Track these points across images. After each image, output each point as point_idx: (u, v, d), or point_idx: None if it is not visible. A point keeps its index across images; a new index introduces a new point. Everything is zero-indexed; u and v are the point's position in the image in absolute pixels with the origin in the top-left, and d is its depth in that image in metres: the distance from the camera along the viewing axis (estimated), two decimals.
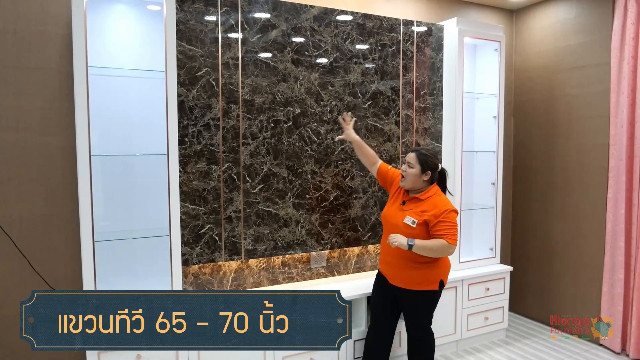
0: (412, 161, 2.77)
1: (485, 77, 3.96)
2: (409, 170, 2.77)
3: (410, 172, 2.76)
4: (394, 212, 2.85)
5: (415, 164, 2.76)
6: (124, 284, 2.89)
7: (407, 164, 2.79)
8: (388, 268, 2.88)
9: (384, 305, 2.98)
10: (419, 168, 2.75)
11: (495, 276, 3.81)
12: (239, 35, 3.04)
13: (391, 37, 3.54)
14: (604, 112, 3.68)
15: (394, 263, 2.82)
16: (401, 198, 2.87)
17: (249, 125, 3.10)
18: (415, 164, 2.76)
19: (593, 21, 3.77)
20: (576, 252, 3.96)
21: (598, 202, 3.75)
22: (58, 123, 2.84)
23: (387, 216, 2.90)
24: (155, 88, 2.88)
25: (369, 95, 3.48)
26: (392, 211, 2.87)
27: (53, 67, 2.82)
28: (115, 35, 2.85)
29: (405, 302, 2.89)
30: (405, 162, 2.82)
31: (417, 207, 2.75)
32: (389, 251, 2.82)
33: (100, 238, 2.70)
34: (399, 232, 2.70)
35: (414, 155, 2.78)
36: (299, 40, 3.22)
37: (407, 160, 2.80)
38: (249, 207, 3.13)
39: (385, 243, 2.87)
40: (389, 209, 2.91)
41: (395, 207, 2.87)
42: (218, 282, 3.23)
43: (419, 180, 2.77)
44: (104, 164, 2.85)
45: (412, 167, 2.76)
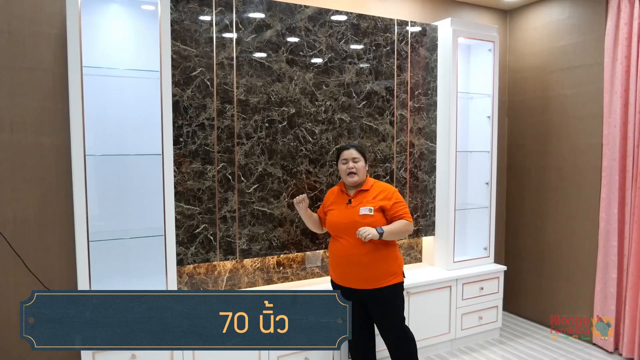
0: (357, 155, 2.92)
1: (479, 77, 3.98)
2: (357, 165, 2.90)
3: (360, 165, 2.91)
4: (343, 214, 2.88)
5: (359, 156, 2.92)
6: (119, 283, 2.89)
7: (352, 160, 2.90)
8: (348, 272, 2.83)
9: (356, 317, 2.82)
10: (363, 160, 2.93)
11: (489, 275, 3.83)
12: (233, 35, 3.04)
13: (385, 37, 3.55)
14: (598, 112, 3.70)
15: (355, 263, 2.79)
16: (343, 200, 2.94)
17: (244, 125, 3.11)
18: (360, 156, 2.92)
19: (586, 21, 3.79)
20: (570, 252, 3.98)
21: (591, 202, 3.77)
22: (52, 123, 2.84)
23: (337, 220, 2.89)
24: (149, 88, 2.89)
25: (364, 95, 3.49)
26: (341, 213, 2.89)
27: (47, 68, 2.82)
28: (109, 35, 2.86)
29: (375, 305, 2.86)
30: (346, 161, 2.92)
31: (364, 198, 2.87)
32: (349, 253, 2.80)
33: (94, 238, 2.70)
34: (356, 226, 2.75)
35: (355, 150, 2.93)
36: (294, 40, 3.23)
37: (349, 157, 2.91)
38: (244, 207, 3.14)
39: (338, 249, 2.87)
40: (336, 215, 2.91)
41: (341, 210, 2.90)
42: (213, 282, 3.24)
43: (365, 171, 2.94)
44: (98, 164, 2.86)
45: (359, 161, 2.91)
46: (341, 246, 2.86)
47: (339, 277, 2.92)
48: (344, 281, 2.88)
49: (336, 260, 2.91)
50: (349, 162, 2.91)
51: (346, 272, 2.86)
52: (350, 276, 2.85)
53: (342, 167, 2.95)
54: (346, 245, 2.83)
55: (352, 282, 2.85)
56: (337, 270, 2.92)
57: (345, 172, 2.92)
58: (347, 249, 2.82)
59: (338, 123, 3.41)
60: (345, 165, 2.93)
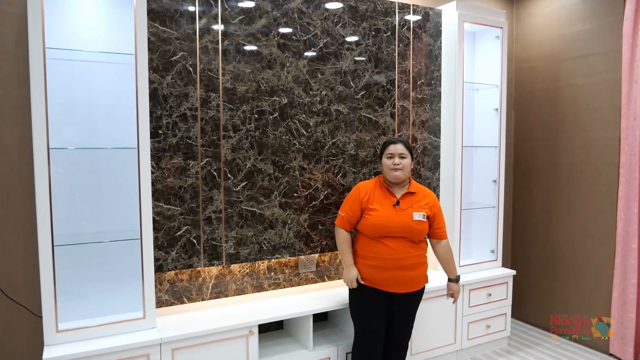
0: (404, 151, 2.72)
1: (485, 66, 3.70)
2: (404, 162, 2.70)
3: (406, 162, 2.71)
4: (393, 216, 2.65)
5: (407, 153, 2.73)
6: (90, 292, 2.58)
7: (399, 156, 2.70)
8: (394, 276, 2.63)
9: (379, 321, 2.71)
10: (410, 157, 2.75)
11: (497, 281, 3.55)
12: (219, 16, 2.74)
13: (386, 21, 3.26)
14: (614, 103, 3.42)
15: (404, 267, 2.63)
16: (389, 200, 2.70)
17: (231, 116, 2.80)
18: (407, 153, 2.73)
19: (602, 6, 3.52)
20: (582, 255, 3.70)
21: (607, 201, 3.50)
22: (14, 113, 2.53)
23: (385, 222, 2.63)
24: (124, 74, 2.57)
25: (362, 84, 3.20)
26: (390, 215, 2.65)
27: (8, 51, 2.52)
28: (77, 13, 2.53)
29: (406, 308, 2.77)
30: (392, 156, 2.70)
31: (413, 201, 2.71)
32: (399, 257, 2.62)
33: (61, 242, 2.38)
34: (410, 231, 2.63)
35: (403, 146, 2.73)
36: (286, 23, 2.92)
37: (396, 152, 2.71)
38: (231, 207, 2.83)
39: (385, 252, 2.63)
40: (384, 216, 2.65)
41: (389, 211, 2.66)
42: (197, 290, 2.93)
43: (410, 169, 2.75)
44: (65, 158, 2.53)
45: (406, 157, 2.72)
46: (389, 250, 2.62)
47: (372, 281, 2.68)
48: (386, 285, 2.67)
49: (377, 263, 2.65)
50: (395, 157, 2.69)
51: (389, 276, 2.65)
52: (391, 280, 2.66)
53: (387, 161, 2.72)
54: (396, 248, 2.62)
55: (394, 285, 2.67)
56: (376, 273, 2.66)
57: (390, 167, 2.69)
58: (397, 252, 2.63)
59: (334, 115, 3.11)
60: (390, 160, 2.71)
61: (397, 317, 2.76)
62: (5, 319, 2.57)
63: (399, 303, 2.72)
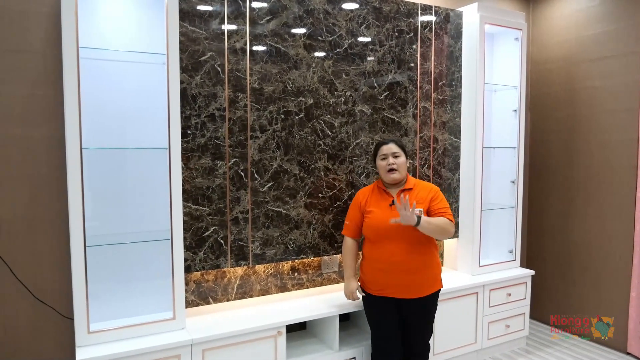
0: (397, 150, 2.69)
1: (503, 68, 3.72)
2: (398, 160, 2.67)
3: (401, 161, 2.69)
4: (387, 216, 2.58)
5: (400, 151, 2.70)
6: (119, 293, 2.57)
7: (392, 155, 2.67)
8: (392, 280, 2.59)
9: (391, 328, 2.68)
10: (404, 155, 2.72)
11: (516, 281, 3.56)
12: (247, 17, 2.73)
13: (408, 22, 3.27)
14: (633, 105, 3.45)
15: (402, 271, 2.57)
16: (385, 200, 2.67)
17: (258, 116, 2.80)
18: (400, 151, 2.70)
19: (620, 8, 3.54)
20: (599, 255, 3.73)
21: (624, 202, 3.52)
22: (42, 113, 2.51)
23: (380, 223, 2.61)
24: (153, 73, 2.57)
25: (385, 85, 3.20)
26: (385, 215, 2.60)
27: (37, 50, 2.49)
28: (107, 13, 2.51)
29: (416, 315, 2.68)
30: (386, 157, 2.68)
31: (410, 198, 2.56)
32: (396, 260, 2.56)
33: (90, 242, 2.37)
34: (405, 231, 2.53)
35: (395, 145, 2.71)
36: (312, 23, 2.92)
37: (389, 152, 2.68)
38: (258, 208, 2.83)
39: (382, 254, 2.60)
40: (379, 217, 2.62)
41: (384, 211, 2.63)
42: (222, 290, 2.93)
43: (406, 167, 2.72)
44: (94, 158, 2.50)
45: (400, 156, 2.69)
46: (386, 252, 2.59)
47: (376, 286, 2.66)
48: (384, 290, 2.63)
49: (377, 266, 2.63)
50: (389, 157, 2.66)
51: (390, 279, 2.60)
52: (393, 284, 2.60)
53: (382, 163, 2.69)
54: (393, 250, 2.57)
55: (394, 291, 2.61)
56: (378, 277, 2.64)
57: (385, 168, 2.66)
58: (394, 254, 2.56)
59: (359, 115, 3.12)
60: (384, 161, 2.67)
61: (410, 324, 2.70)
62: (33, 321, 2.55)
63: (409, 310, 2.66)
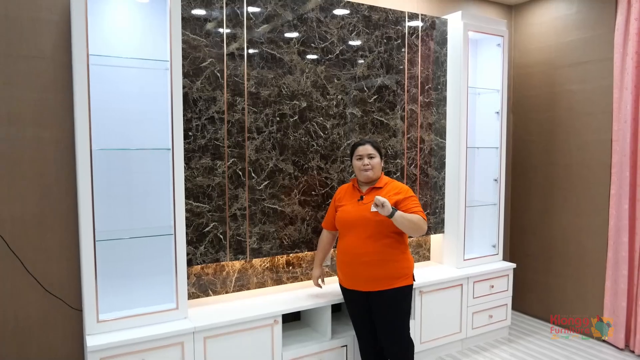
0: (372, 151, 2.81)
1: (487, 72, 3.92)
2: (373, 161, 2.79)
3: (376, 161, 2.80)
4: (354, 210, 2.76)
5: (375, 153, 2.81)
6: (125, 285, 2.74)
7: (368, 156, 2.79)
8: (356, 273, 2.72)
9: (365, 322, 2.85)
10: (379, 156, 2.83)
11: (499, 273, 3.77)
12: (244, 25, 2.91)
13: (396, 30, 3.46)
14: (607, 108, 3.67)
15: (364, 263, 2.67)
16: (355, 196, 2.83)
17: (255, 119, 2.98)
18: (375, 152, 2.82)
19: (595, 16, 3.76)
20: (578, 249, 3.95)
21: (600, 199, 3.75)
22: (52, 115, 2.67)
23: (346, 216, 2.77)
24: (156, 79, 2.73)
25: (375, 89, 3.39)
26: (351, 209, 2.77)
27: (47, 56, 2.65)
28: (113, 22, 2.67)
29: (381, 308, 2.72)
30: (361, 157, 2.81)
31: (377, 195, 2.67)
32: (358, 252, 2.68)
33: (98, 238, 2.53)
34: (367, 223, 2.67)
35: (371, 146, 2.82)
36: (305, 31, 3.10)
37: (365, 153, 2.80)
38: (255, 205, 3.01)
39: (347, 247, 2.75)
40: (346, 211, 2.79)
41: (352, 206, 2.79)
42: (221, 283, 3.10)
43: (380, 167, 2.84)
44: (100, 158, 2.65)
45: (374, 157, 2.81)
46: (350, 244, 2.73)
47: (346, 279, 2.83)
48: (351, 283, 2.79)
49: (344, 258, 2.79)
50: (364, 158, 2.79)
51: (354, 272, 2.74)
52: (357, 277, 2.74)
53: (357, 163, 2.83)
54: (355, 242, 2.70)
55: (359, 283, 2.74)
56: (345, 269, 2.81)
57: (360, 168, 2.81)
58: (357, 247, 2.69)
59: (349, 118, 3.30)
60: (360, 161, 2.81)
61: (376, 318, 2.76)
62: (43, 312, 2.70)
63: (375, 303, 2.72)
